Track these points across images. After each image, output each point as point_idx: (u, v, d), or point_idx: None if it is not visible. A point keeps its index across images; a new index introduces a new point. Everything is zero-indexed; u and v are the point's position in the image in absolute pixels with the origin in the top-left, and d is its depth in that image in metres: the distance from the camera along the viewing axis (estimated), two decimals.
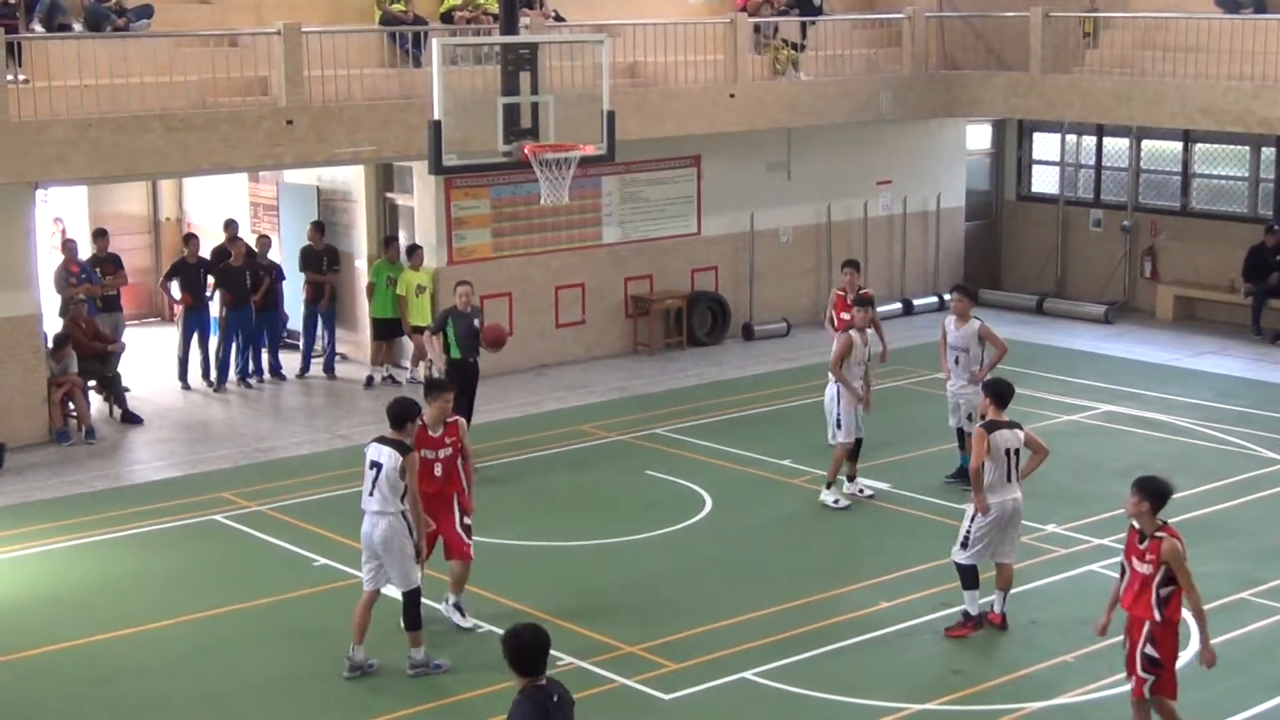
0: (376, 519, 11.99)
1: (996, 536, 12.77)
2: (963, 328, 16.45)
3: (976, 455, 12.63)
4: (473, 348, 17.24)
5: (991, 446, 12.58)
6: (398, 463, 11.86)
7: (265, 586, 14.14)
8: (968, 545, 12.79)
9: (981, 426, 12.78)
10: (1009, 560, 12.96)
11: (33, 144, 17.25)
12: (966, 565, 12.85)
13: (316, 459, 18.08)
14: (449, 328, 17.12)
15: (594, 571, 14.65)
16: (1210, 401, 20.20)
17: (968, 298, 16.71)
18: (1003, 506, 12.69)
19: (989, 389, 13.01)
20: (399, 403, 12.21)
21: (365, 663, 12.20)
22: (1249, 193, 25.00)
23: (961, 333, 16.44)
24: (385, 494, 11.89)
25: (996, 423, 12.74)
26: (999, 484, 12.66)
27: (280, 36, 18.78)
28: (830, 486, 16.24)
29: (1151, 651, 10.46)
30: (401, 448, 11.93)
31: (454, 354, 17.17)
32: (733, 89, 22.65)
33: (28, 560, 15.00)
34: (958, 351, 16.46)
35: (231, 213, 23.16)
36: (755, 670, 12.24)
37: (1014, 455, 12.74)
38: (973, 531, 12.75)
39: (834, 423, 16.18)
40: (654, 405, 20.31)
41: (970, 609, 12.88)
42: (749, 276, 24.54)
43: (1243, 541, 15.16)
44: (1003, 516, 12.70)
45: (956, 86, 25.28)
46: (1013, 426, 12.81)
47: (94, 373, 19.43)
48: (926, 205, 26.58)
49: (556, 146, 16.95)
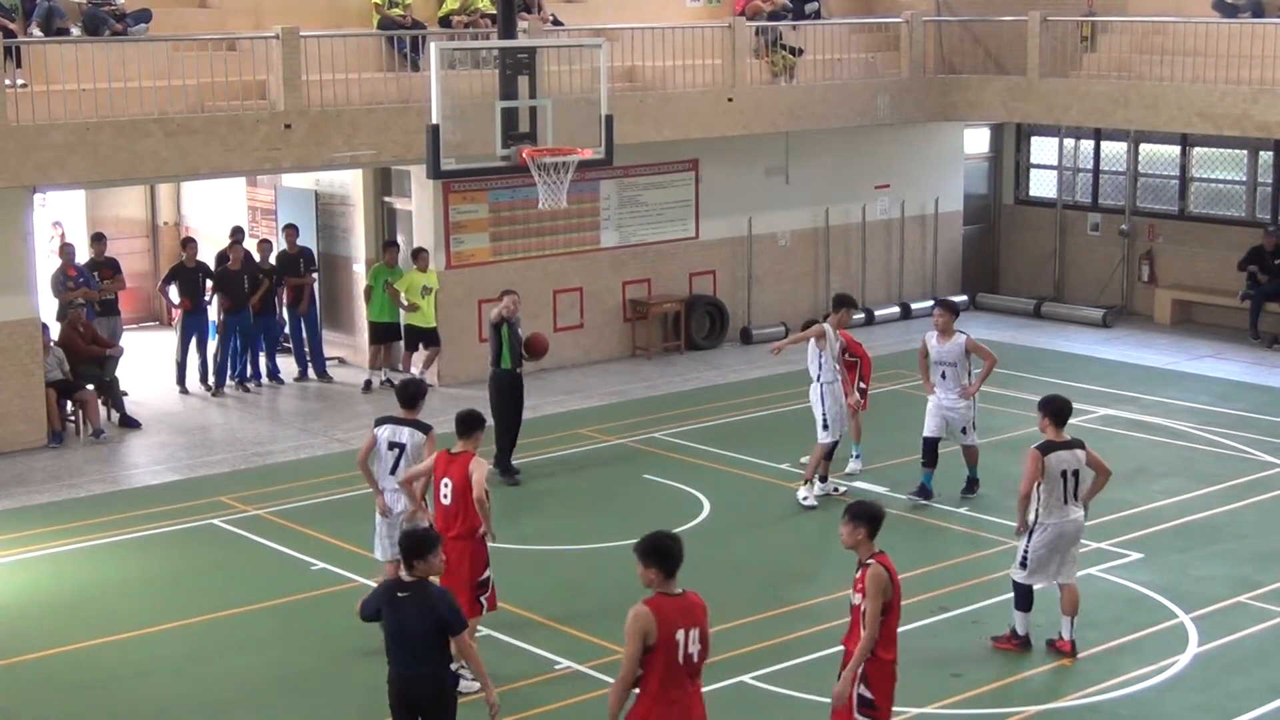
0: (397, 495, 12.52)
1: (1056, 559, 12.36)
2: (947, 343, 16.19)
3: (1028, 479, 12.17)
4: (518, 357, 17.24)
5: (1046, 469, 12.11)
6: (420, 441, 12.38)
7: (263, 590, 14.13)
8: (1026, 565, 12.41)
9: (1036, 448, 12.25)
10: (1071, 581, 12.54)
11: (31, 148, 17.26)
12: (1023, 586, 12.48)
13: (314, 463, 18.09)
14: (505, 332, 17.07)
15: (592, 575, 14.65)
16: (1208, 405, 20.21)
17: (950, 312, 16.35)
18: (1060, 528, 12.25)
19: (1046, 408, 12.46)
20: (410, 383, 12.81)
21: None
22: (1247, 196, 25.02)
23: (946, 348, 16.19)
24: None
25: (1054, 443, 12.24)
26: (1055, 506, 12.19)
27: (278, 40, 18.79)
28: (808, 484, 16.33)
29: (865, 691, 9.62)
30: (422, 427, 12.45)
31: (504, 364, 17.14)
32: (731, 93, 22.66)
33: (25, 564, 14.99)
34: (944, 366, 16.21)
35: (230, 217, 23.21)
36: (753, 674, 12.25)
37: (1071, 477, 12.21)
38: (1030, 552, 12.36)
39: (820, 422, 16.23)
40: (652, 409, 20.31)
41: (1019, 629, 12.56)
42: (747, 280, 24.55)
43: (1241, 545, 15.16)
44: (1061, 538, 12.28)
45: (954, 90, 25.30)
46: (1072, 446, 12.30)
47: (92, 377, 19.43)
48: (924, 209, 26.59)
49: (555, 151, 16.97)
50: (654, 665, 8.52)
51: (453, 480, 11.81)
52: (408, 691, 9.54)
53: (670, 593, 8.65)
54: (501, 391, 17.21)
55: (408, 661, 9.48)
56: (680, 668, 8.61)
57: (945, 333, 16.21)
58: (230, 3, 20.81)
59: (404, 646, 9.48)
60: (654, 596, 8.61)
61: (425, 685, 9.48)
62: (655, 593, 8.63)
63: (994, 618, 13.38)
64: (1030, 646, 12.61)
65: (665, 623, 8.51)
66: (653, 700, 8.60)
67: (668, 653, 8.53)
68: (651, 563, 8.63)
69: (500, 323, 17.14)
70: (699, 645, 8.68)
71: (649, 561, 8.63)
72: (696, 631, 8.65)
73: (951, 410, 16.24)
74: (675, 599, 8.62)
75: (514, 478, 17.23)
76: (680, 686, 8.66)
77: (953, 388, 16.17)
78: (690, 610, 8.66)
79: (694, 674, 8.75)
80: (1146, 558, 14.73)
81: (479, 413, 12.24)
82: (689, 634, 8.59)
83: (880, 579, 9.51)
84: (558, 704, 11.80)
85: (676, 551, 8.65)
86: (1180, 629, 13.10)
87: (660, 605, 8.54)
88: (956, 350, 16.12)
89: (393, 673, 9.58)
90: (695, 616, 8.67)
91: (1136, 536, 15.23)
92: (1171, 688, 12.01)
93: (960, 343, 16.11)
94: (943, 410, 16.28)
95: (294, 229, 21.97)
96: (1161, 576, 14.25)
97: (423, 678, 9.47)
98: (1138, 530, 15.41)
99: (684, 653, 8.60)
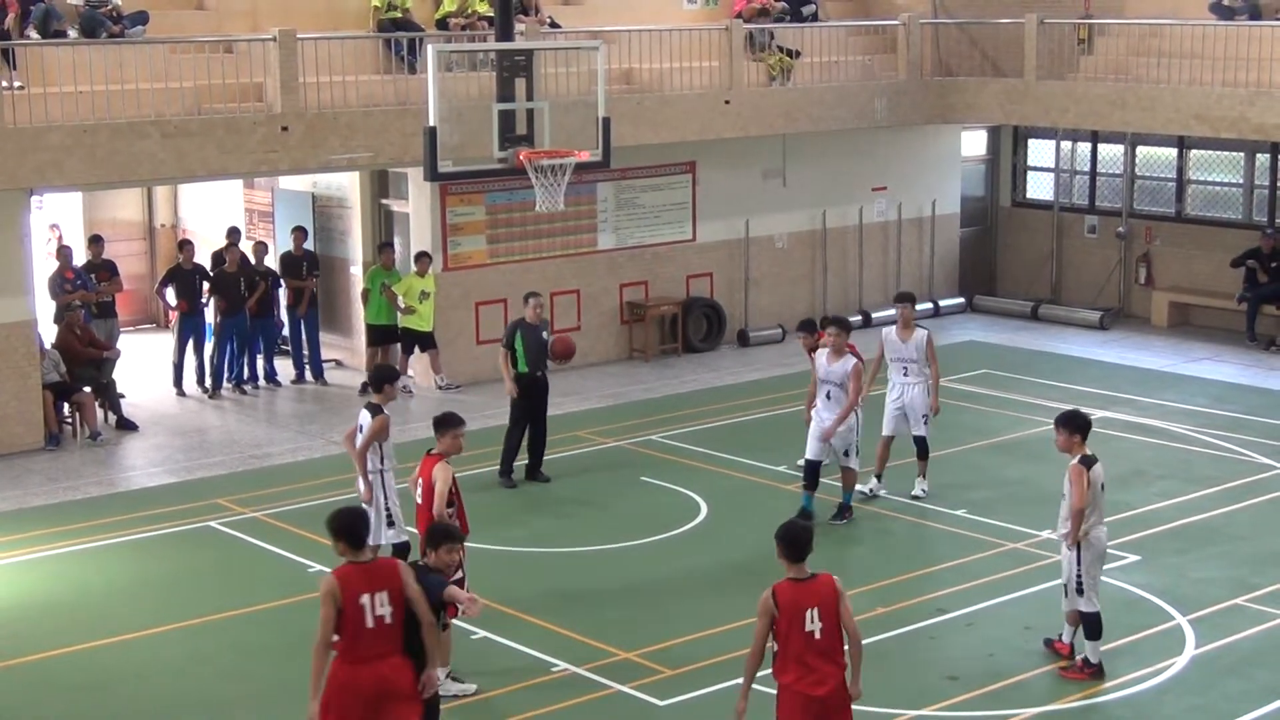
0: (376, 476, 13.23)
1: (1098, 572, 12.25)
2: (836, 363, 15.34)
3: (1080, 494, 11.93)
4: (540, 361, 17.21)
5: (1091, 482, 11.96)
6: (368, 422, 12.99)
7: (260, 593, 14.13)
8: (1085, 591, 12.10)
9: (1080, 463, 12.00)
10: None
11: (28, 150, 17.26)
12: (1094, 614, 12.13)
13: (311, 465, 18.08)
14: (518, 341, 17.09)
15: (589, 578, 14.64)
16: (1205, 407, 20.22)
17: (844, 330, 15.54)
18: (1100, 542, 12.17)
19: (1073, 424, 12.16)
20: (378, 368, 13.59)
21: None
22: (1243, 199, 25.03)
23: (835, 368, 15.33)
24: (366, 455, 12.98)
25: (1091, 458, 12.07)
26: (1096, 520, 12.10)
27: (275, 43, 18.79)
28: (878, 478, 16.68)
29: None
30: (374, 409, 13.04)
31: (521, 367, 17.13)
32: (728, 95, 22.67)
33: (23, 566, 14.98)
34: (830, 386, 15.43)
35: (227, 219, 23.20)
36: None
37: (1103, 490, 12.18)
38: (1084, 574, 12.08)
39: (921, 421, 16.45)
40: (649, 411, 20.31)
41: (1091, 658, 12.22)
42: (744, 283, 24.55)
43: (1238, 547, 15.17)
44: (1100, 549, 12.19)
45: (952, 93, 25.31)
46: (1097, 460, 12.16)
47: (89, 379, 19.42)
48: (922, 211, 26.60)
49: (552, 153, 16.97)
50: (344, 629, 9.09)
51: (423, 480, 12.17)
52: None
53: (358, 560, 9.27)
54: (518, 395, 17.19)
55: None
56: (370, 630, 9.10)
57: (837, 352, 15.46)
58: (227, 5, 20.82)
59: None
60: (342, 565, 9.24)
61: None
62: (345, 562, 9.26)
63: (991, 620, 13.40)
64: (1104, 674, 12.19)
65: (349, 588, 9.09)
66: (343, 662, 9.15)
67: (355, 617, 9.07)
68: (340, 536, 9.29)
69: (514, 328, 17.17)
70: (389, 608, 9.16)
71: (338, 536, 9.30)
72: (385, 595, 9.16)
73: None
74: (362, 565, 9.25)
75: (510, 479, 17.24)
76: (371, 648, 9.14)
77: (834, 409, 15.44)
78: (376, 575, 9.23)
79: (393, 638, 9.22)
80: (1144, 560, 14.73)
81: (452, 413, 12.50)
82: (375, 598, 9.11)
83: (765, 602, 9.50)
84: (555, 706, 11.79)
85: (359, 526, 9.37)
86: (1177, 631, 13.10)
87: (345, 572, 9.17)
88: (843, 372, 15.37)
89: None
90: (383, 581, 9.21)
91: (1134, 539, 15.22)
92: (1169, 690, 12.01)
93: (849, 365, 15.36)
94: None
95: (303, 231, 21.99)
96: (1159, 579, 14.25)
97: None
98: (1135, 532, 15.40)
99: (373, 615, 9.12)
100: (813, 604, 9.36)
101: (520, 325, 17.17)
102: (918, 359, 16.16)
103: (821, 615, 9.35)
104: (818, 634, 9.33)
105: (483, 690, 11.94)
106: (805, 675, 9.33)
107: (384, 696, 9.17)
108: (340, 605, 9.07)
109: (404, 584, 9.28)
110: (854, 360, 15.39)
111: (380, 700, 9.15)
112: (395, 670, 9.22)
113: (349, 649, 9.15)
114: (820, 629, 9.33)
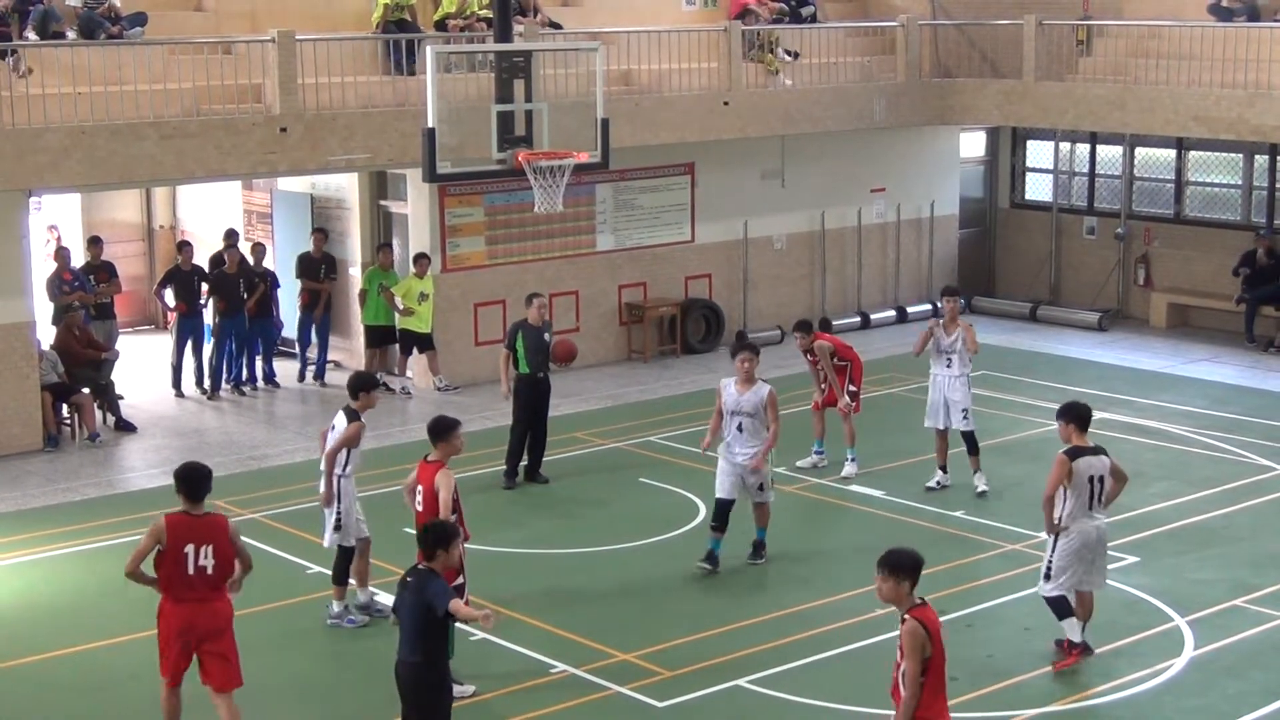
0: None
1: (1081, 566, 12.24)
2: (747, 392, 14.41)
3: (1053, 482, 12.06)
4: (542, 363, 17.21)
5: (1074, 474, 12.03)
6: (343, 426, 13.06)
7: (258, 594, 14.04)
8: (1051, 576, 12.26)
9: (1064, 453, 12.12)
10: (1096, 589, 12.49)
11: (27, 151, 17.26)
12: (1054, 597, 12.30)
13: (310, 466, 17.96)
14: (519, 342, 17.09)
15: (588, 579, 14.64)
16: (1204, 409, 20.22)
17: (755, 355, 14.60)
18: (1085, 534, 12.17)
19: (1070, 414, 12.31)
20: (358, 374, 13.65)
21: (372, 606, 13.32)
22: (1242, 200, 25.04)
23: (746, 397, 14.37)
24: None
25: (1081, 449, 12.15)
26: (1080, 512, 12.13)
27: (274, 44, 18.79)
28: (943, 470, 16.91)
29: None
30: (350, 414, 13.11)
31: (522, 369, 17.13)
32: (727, 97, 22.67)
33: (22, 568, 14.99)
34: (741, 417, 14.39)
35: (226, 220, 23.20)
36: (749, 678, 12.24)
37: (1098, 483, 12.15)
38: (1054, 561, 12.22)
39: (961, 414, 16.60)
40: (648, 413, 20.30)
41: (1073, 636, 12.35)
42: (743, 284, 24.55)
43: (1237, 548, 15.17)
44: (1086, 545, 12.20)
45: (950, 94, 25.32)
46: (1097, 453, 12.23)
47: (88, 380, 19.42)
48: (920, 212, 26.60)
49: (550, 154, 16.98)
50: (162, 568, 10.43)
51: (423, 487, 12.14)
52: (396, 676, 9.92)
53: (191, 512, 10.47)
54: (519, 396, 17.21)
55: (401, 647, 9.90)
56: (190, 576, 10.42)
57: (747, 380, 14.37)
58: (226, 6, 20.81)
59: (401, 631, 9.92)
60: (176, 512, 10.47)
61: (408, 671, 9.82)
62: (180, 510, 10.47)
63: (990, 621, 13.40)
64: (1091, 651, 12.39)
65: (175, 536, 10.37)
66: (166, 597, 10.52)
67: (178, 561, 10.38)
68: (179, 486, 10.52)
69: (516, 329, 17.18)
70: (212, 560, 10.41)
71: (177, 486, 10.52)
72: (210, 548, 10.40)
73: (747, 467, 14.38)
74: (194, 517, 10.45)
75: (512, 481, 17.25)
76: (191, 591, 10.44)
77: (749, 442, 14.29)
78: (204, 529, 10.44)
79: (212, 585, 10.47)
80: (1143, 561, 14.73)
81: (447, 419, 12.38)
82: (200, 550, 10.38)
83: (916, 633, 8.90)
84: (553, 707, 11.80)
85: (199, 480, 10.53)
86: (1176, 632, 13.11)
87: (176, 520, 10.44)
88: (756, 401, 14.27)
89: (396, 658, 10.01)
90: (210, 536, 10.43)
91: (1133, 540, 15.23)
92: (1168, 691, 12.02)
93: (763, 393, 14.29)
94: (737, 468, 14.43)
95: (323, 233, 22.00)
96: (1158, 580, 14.26)
97: (408, 664, 9.83)
98: (1134, 534, 15.41)
99: (195, 565, 10.41)
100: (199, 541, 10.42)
101: (522, 326, 17.17)
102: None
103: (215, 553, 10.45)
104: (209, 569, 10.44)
105: (481, 692, 11.95)
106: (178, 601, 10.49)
107: (199, 631, 10.47)
108: (163, 548, 10.36)
109: (230, 541, 10.49)
110: (767, 388, 14.35)
111: (193, 634, 10.48)
112: (211, 610, 10.47)
113: (169, 588, 10.47)
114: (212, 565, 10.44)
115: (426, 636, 9.76)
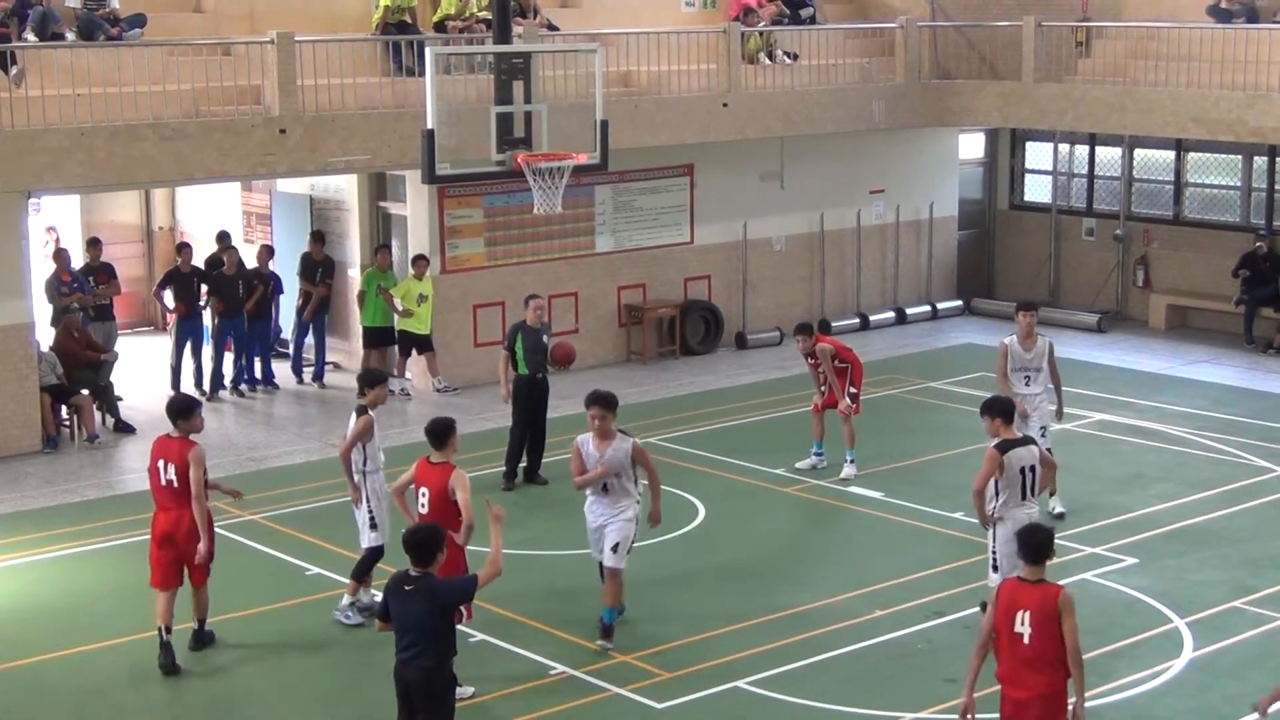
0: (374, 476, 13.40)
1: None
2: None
3: (983, 476, 12.19)
4: (541, 363, 17.21)
5: (1006, 466, 12.13)
6: (353, 422, 13.11)
7: (258, 595, 14.12)
8: (998, 568, 12.29)
9: (995, 448, 12.22)
10: None
11: (26, 152, 17.25)
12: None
13: (309, 468, 18.07)
14: (518, 344, 17.10)
15: (586, 580, 14.61)
16: (1203, 410, 20.22)
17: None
18: (1020, 523, 11.78)
19: (994, 409, 12.39)
20: (366, 370, 14.04)
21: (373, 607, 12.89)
22: (1241, 201, 25.04)
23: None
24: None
25: (1010, 441, 12.26)
26: (1014, 502, 12.21)
27: (273, 45, 18.78)
28: None
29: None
30: (360, 410, 13.16)
31: (521, 370, 17.14)
32: (726, 98, 22.67)
33: (21, 569, 14.97)
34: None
35: (224, 222, 23.19)
36: (748, 679, 12.23)
37: (1030, 473, 12.25)
38: (997, 551, 12.29)
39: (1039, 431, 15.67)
40: (647, 414, 20.28)
41: None
42: (742, 285, 24.55)
43: (1236, 549, 15.17)
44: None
45: (949, 95, 25.32)
46: (1026, 443, 12.35)
47: (87, 382, 19.41)
48: (919, 214, 26.60)
49: (550, 155, 16.96)
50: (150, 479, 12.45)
51: (430, 489, 12.01)
52: (405, 679, 9.86)
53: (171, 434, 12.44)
54: (518, 397, 17.22)
55: (408, 650, 9.82)
56: (162, 488, 12.36)
57: (604, 436, 13.04)
58: (225, 8, 20.81)
59: (405, 636, 9.82)
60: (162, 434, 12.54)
61: (420, 675, 9.80)
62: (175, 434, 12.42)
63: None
64: None
65: (155, 452, 12.50)
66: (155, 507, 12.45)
67: (155, 473, 12.39)
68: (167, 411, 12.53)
69: (515, 330, 17.19)
70: (174, 476, 12.24)
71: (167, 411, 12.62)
72: (173, 466, 12.25)
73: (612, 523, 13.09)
74: (169, 438, 12.45)
75: (511, 482, 17.25)
76: (164, 500, 12.40)
77: (612, 501, 13.09)
78: (171, 449, 12.37)
79: (174, 497, 12.29)
80: (1142, 562, 14.73)
81: (446, 421, 12.30)
82: (167, 465, 12.31)
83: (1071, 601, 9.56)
84: (552, 709, 11.79)
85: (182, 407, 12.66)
86: (1175, 634, 13.10)
87: (161, 440, 12.50)
88: (621, 458, 13.04)
89: (396, 662, 9.91)
90: (174, 455, 12.32)
91: (1131, 541, 15.23)
92: (1167, 692, 12.01)
93: (626, 446, 13.04)
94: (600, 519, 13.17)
95: (320, 236, 22.01)
96: (1157, 581, 14.25)
97: (419, 668, 9.80)
98: (1133, 535, 15.41)
99: (164, 478, 12.35)
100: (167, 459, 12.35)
101: (521, 328, 17.19)
102: (1042, 368, 15.64)
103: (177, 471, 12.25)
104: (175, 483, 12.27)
105: (480, 693, 11.94)
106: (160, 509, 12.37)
107: (172, 536, 12.29)
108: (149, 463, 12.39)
109: (189, 463, 12.18)
110: (630, 440, 13.06)
111: (169, 538, 12.31)
112: (178, 519, 12.26)
113: (154, 496, 12.51)
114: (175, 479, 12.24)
115: (439, 641, 9.79)
